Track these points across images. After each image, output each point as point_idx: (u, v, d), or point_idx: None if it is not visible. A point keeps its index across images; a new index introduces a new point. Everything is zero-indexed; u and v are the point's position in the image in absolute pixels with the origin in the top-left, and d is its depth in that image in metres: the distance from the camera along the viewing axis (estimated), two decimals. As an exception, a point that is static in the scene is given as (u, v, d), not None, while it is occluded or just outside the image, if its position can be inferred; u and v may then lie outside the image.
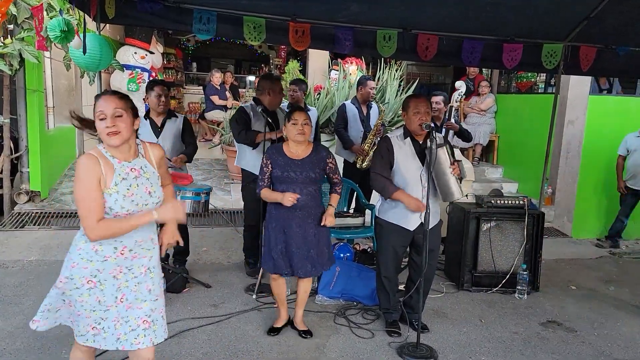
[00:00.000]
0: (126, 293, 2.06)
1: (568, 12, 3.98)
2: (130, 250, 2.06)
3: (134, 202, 1.99)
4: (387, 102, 6.45)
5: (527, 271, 4.05)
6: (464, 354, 3.14)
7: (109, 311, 2.03)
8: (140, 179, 2.04)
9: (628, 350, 3.32)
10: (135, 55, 7.72)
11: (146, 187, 2.04)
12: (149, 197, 2.05)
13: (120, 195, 1.96)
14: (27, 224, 5.29)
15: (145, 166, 2.09)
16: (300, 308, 3.28)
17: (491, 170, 7.32)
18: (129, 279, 2.06)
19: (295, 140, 3.01)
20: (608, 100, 6.14)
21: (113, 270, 2.03)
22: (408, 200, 3.08)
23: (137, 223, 1.99)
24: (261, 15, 3.87)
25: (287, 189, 2.98)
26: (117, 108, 1.96)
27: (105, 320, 2.03)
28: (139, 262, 2.09)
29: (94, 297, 2.02)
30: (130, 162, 2.04)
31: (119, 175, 1.97)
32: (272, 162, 3.03)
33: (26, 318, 3.27)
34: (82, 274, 2.00)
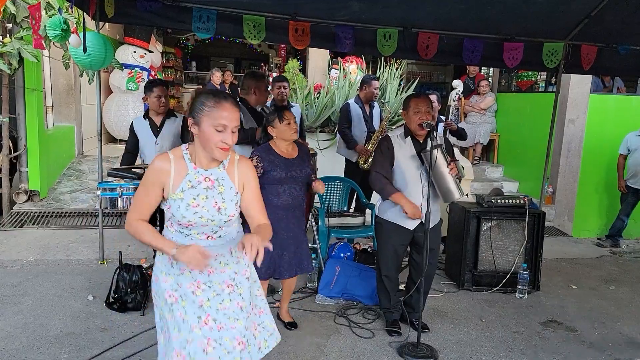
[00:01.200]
0: (211, 313, 1.85)
1: (569, 11, 3.97)
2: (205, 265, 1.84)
3: (198, 214, 1.82)
4: (388, 101, 6.43)
5: (527, 270, 4.04)
6: (464, 354, 3.13)
7: (194, 333, 1.81)
8: (211, 191, 1.84)
9: (628, 349, 3.31)
10: (135, 54, 7.69)
11: (216, 202, 1.84)
12: (216, 213, 1.85)
13: (184, 204, 1.81)
14: (26, 223, 5.28)
15: (222, 178, 1.88)
16: (285, 302, 3.33)
17: (491, 169, 7.31)
18: (211, 298, 1.87)
19: (289, 139, 3.03)
20: (609, 99, 6.13)
21: (191, 285, 1.87)
22: (406, 205, 3.08)
23: (156, 247, 1.84)
24: (261, 14, 3.86)
25: (290, 189, 3.00)
26: (237, 126, 1.82)
27: (190, 344, 1.80)
28: (219, 278, 1.90)
29: (177, 314, 1.84)
30: (207, 170, 1.86)
31: (188, 182, 1.83)
32: (268, 164, 2.95)
33: (25, 318, 3.26)
34: (165, 288, 1.87)
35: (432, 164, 2.95)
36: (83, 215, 5.62)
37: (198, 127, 1.80)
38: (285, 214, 3.00)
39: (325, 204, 4.57)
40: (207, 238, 1.90)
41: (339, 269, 3.91)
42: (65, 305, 3.48)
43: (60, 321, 3.25)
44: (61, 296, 3.63)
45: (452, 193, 3.09)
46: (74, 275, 4.03)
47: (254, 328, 1.99)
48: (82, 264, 4.29)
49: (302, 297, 3.80)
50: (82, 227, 5.27)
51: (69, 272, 4.10)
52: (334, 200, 4.76)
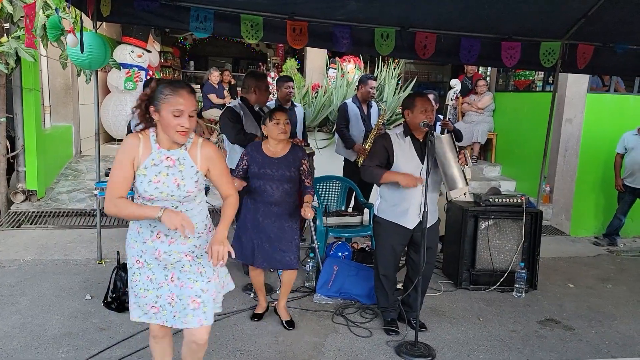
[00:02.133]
0: (175, 272, 2.14)
1: (566, 10, 3.98)
2: (165, 235, 2.10)
3: (158, 190, 2.03)
4: (385, 100, 6.44)
5: (525, 269, 4.05)
6: (462, 352, 3.14)
7: (162, 288, 2.13)
8: (172, 169, 2.05)
9: (625, 348, 3.32)
10: (132, 54, 7.68)
11: (176, 179, 2.05)
12: (175, 189, 2.05)
13: (146, 179, 2.02)
14: (23, 223, 5.27)
15: (183, 158, 2.08)
16: (283, 298, 3.37)
17: (489, 168, 7.32)
18: (173, 262, 2.13)
19: (277, 139, 3.10)
20: (606, 98, 6.15)
21: (154, 252, 2.11)
22: (399, 177, 3.05)
23: (141, 214, 2.02)
24: (259, 14, 3.87)
25: (264, 185, 3.10)
26: (194, 110, 2.01)
27: (160, 298, 2.13)
28: (178, 248, 2.12)
29: (144, 277, 2.13)
30: (169, 150, 2.06)
31: (152, 160, 2.03)
32: (250, 159, 3.14)
33: (22, 318, 3.26)
34: (132, 254, 2.15)
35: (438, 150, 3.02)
36: (81, 215, 5.61)
37: (159, 114, 2.00)
38: (264, 207, 3.12)
39: (323, 204, 4.58)
40: None
41: (337, 268, 3.91)
42: (63, 305, 3.48)
43: (58, 321, 3.25)
44: (59, 296, 3.63)
45: (457, 180, 3.10)
46: (72, 275, 4.02)
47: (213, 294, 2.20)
48: (79, 263, 4.28)
49: (300, 297, 3.80)
50: (79, 227, 5.26)
51: (66, 271, 4.10)
52: (332, 199, 4.76)
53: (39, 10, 4.17)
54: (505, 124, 7.36)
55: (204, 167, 2.12)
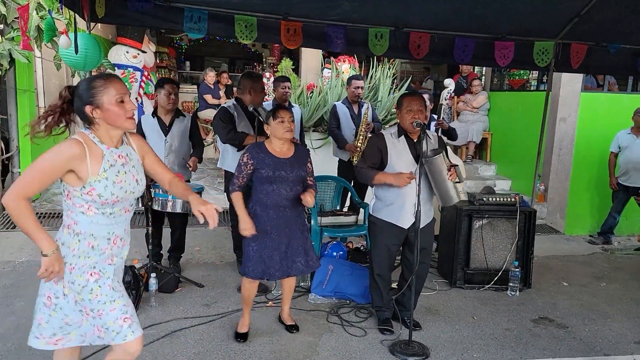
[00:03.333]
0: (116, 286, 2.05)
1: (559, 10, 3.99)
2: (121, 239, 2.05)
3: (123, 189, 1.95)
4: (380, 100, 6.45)
5: (519, 268, 4.07)
6: (456, 351, 3.15)
7: (125, 297, 2.02)
8: (127, 166, 1.99)
9: (619, 345, 3.34)
10: (127, 55, 7.66)
11: (133, 175, 2.00)
12: (135, 185, 2.01)
13: (109, 182, 1.91)
14: (18, 224, 5.25)
15: (130, 153, 2.04)
16: (286, 304, 3.32)
17: (484, 167, 7.34)
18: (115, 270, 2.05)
19: (283, 138, 2.95)
20: (600, 97, 6.18)
21: (107, 259, 2.02)
22: (391, 178, 3.06)
23: (36, 238, 1.87)
24: (253, 14, 3.86)
25: (277, 188, 2.93)
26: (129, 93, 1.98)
27: (128, 307, 2.00)
28: (126, 250, 2.12)
29: (106, 287, 1.97)
30: (118, 148, 1.98)
31: (107, 162, 1.91)
32: (258, 162, 2.92)
33: (17, 319, 3.26)
34: (84, 271, 1.94)
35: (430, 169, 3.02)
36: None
37: (100, 109, 1.88)
38: (276, 213, 2.96)
39: (318, 203, 4.58)
40: (125, 212, 2.04)
41: (332, 267, 3.92)
42: (58, 306, 3.47)
43: (53, 322, 3.24)
44: (54, 297, 3.62)
45: (451, 198, 3.11)
46: (67, 276, 4.02)
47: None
48: (74, 264, 4.28)
49: (295, 296, 3.79)
50: (75, 228, 5.25)
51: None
52: (326, 199, 4.77)
53: (32, 12, 4.16)
54: (500, 123, 7.38)
55: (141, 157, 2.10)
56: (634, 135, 5.44)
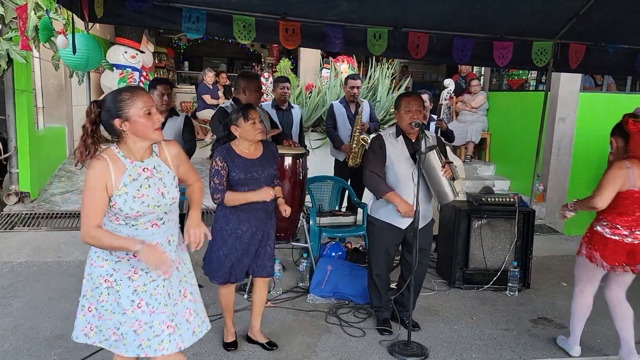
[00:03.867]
0: (144, 298, 1.98)
1: (558, 10, 3.99)
2: None
3: (144, 204, 1.93)
4: (379, 100, 6.45)
5: (518, 268, 4.07)
6: (454, 351, 3.15)
7: (126, 315, 1.96)
8: (152, 179, 1.96)
9: (617, 345, 3.33)
10: (126, 55, 7.67)
11: (158, 188, 1.96)
12: (161, 199, 1.97)
13: (129, 197, 1.90)
14: (16, 225, 5.25)
15: (158, 165, 2.01)
16: (256, 319, 3.09)
17: (483, 167, 7.34)
18: (147, 282, 1.98)
19: (253, 139, 2.83)
20: (599, 97, 6.18)
21: (128, 272, 1.98)
22: (400, 204, 3.08)
23: (121, 245, 1.90)
24: (251, 14, 3.85)
25: (252, 190, 2.82)
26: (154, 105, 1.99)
27: (123, 326, 1.96)
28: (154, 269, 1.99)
29: (112, 298, 1.97)
30: (143, 161, 1.97)
31: (129, 176, 1.92)
32: (230, 165, 2.79)
33: (15, 320, 3.25)
34: (99, 273, 1.97)
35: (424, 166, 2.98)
36: (74, 216, 5.59)
37: (129, 122, 1.90)
38: (247, 216, 2.84)
39: (317, 204, 4.58)
40: (152, 226, 2.00)
41: (331, 268, 3.92)
42: (56, 307, 3.47)
43: (51, 323, 3.24)
44: (52, 298, 3.62)
45: (446, 195, 3.10)
46: (65, 276, 4.01)
47: (189, 314, 2.11)
48: (73, 265, 4.27)
49: (293, 297, 3.80)
50: (73, 229, 5.24)
51: (60, 273, 4.09)
52: (325, 199, 4.77)
53: (30, 12, 4.15)
54: (499, 123, 7.38)
55: (175, 166, 2.07)
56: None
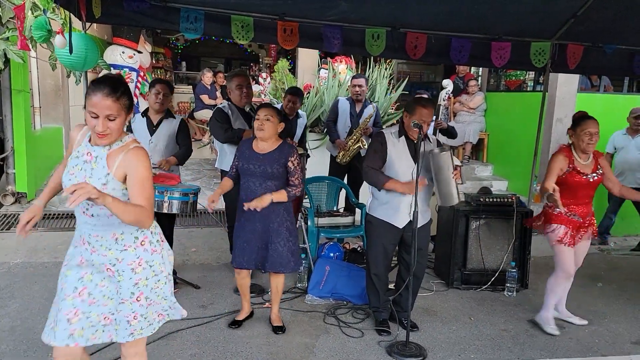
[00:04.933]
0: (89, 287, 1.97)
1: (555, 11, 4.00)
2: (88, 242, 2.00)
3: (71, 182, 1.93)
4: (377, 100, 6.45)
5: (516, 269, 4.07)
6: (453, 352, 3.15)
7: (65, 301, 1.95)
8: (86, 165, 1.95)
9: (615, 346, 3.34)
10: (123, 55, 7.65)
11: (85, 176, 1.94)
12: None
13: (66, 169, 1.99)
14: (13, 225, 5.22)
15: (100, 158, 1.95)
16: (275, 304, 3.32)
17: (481, 168, 7.36)
18: (94, 273, 1.99)
19: (256, 135, 3.05)
20: (596, 98, 6.20)
21: (79, 258, 2.02)
22: (401, 187, 3.09)
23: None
24: (249, 14, 3.86)
25: (247, 181, 3.08)
26: (112, 113, 1.87)
27: (60, 312, 1.95)
28: (99, 259, 1.99)
29: (60, 283, 2.01)
30: (93, 147, 1.97)
31: (76, 152, 2.00)
32: (239, 155, 3.13)
33: (12, 321, 3.24)
34: (67, 253, 2.07)
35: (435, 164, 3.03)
36: (71, 217, 5.57)
37: (86, 112, 1.92)
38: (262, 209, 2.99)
39: (315, 204, 4.57)
40: (82, 213, 2.00)
41: (329, 268, 3.91)
42: (53, 308, 3.45)
43: (48, 324, 3.22)
44: (49, 299, 3.55)
45: (452, 198, 3.10)
46: (62, 277, 3.99)
47: (132, 317, 2.02)
48: (70, 266, 4.25)
49: (291, 297, 3.79)
50: (70, 229, 5.22)
51: (56, 274, 3.95)
52: (323, 200, 4.76)
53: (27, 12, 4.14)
54: (497, 123, 7.40)
55: (120, 173, 1.94)
56: (629, 136, 5.45)
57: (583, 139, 3.20)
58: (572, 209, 3.30)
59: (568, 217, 3.31)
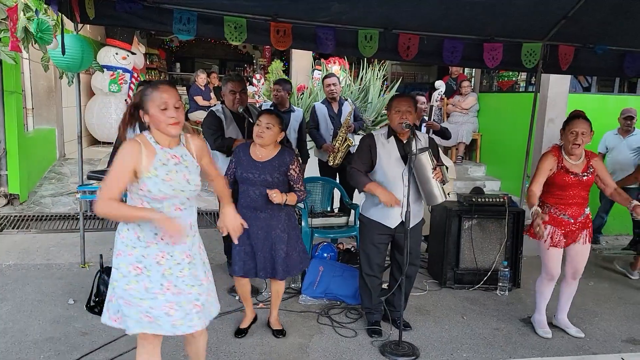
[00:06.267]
0: (172, 280, 2.11)
1: (546, 12, 4.04)
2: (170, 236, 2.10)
3: (171, 187, 2.06)
4: (370, 101, 6.47)
5: (508, 268, 4.10)
6: (445, 351, 3.16)
7: (157, 299, 2.08)
8: (179, 166, 2.10)
9: (606, 344, 3.37)
10: (117, 56, 7.64)
11: (184, 175, 2.10)
12: (186, 185, 2.11)
13: (159, 179, 2.04)
14: (5, 227, 5.20)
15: (185, 155, 2.15)
16: (274, 308, 3.29)
17: (474, 168, 7.39)
18: (172, 265, 2.11)
19: (255, 140, 2.98)
20: (587, 98, 6.24)
21: (156, 256, 2.09)
22: (380, 193, 3.08)
23: (135, 214, 2.05)
24: (242, 15, 3.86)
25: (247, 189, 3.00)
26: (179, 100, 2.07)
27: (154, 310, 2.08)
28: (180, 248, 2.13)
29: (141, 285, 2.08)
30: (172, 149, 2.11)
31: (159, 160, 2.06)
32: (237, 161, 3.05)
33: (4, 323, 3.22)
34: (128, 262, 2.08)
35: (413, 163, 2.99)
36: (64, 218, 5.55)
37: (148, 114, 2.06)
38: (249, 214, 2.95)
39: (309, 205, 4.58)
40: (175, 210, 2.11)
41: (322, 269, 3.92)
42: (45, 309, 3.44)
43: (40, 326, 3.21)
44: (41, 301, 3.59)
45: (435, 197, 3.10)
46: (55, 279, 3.98)
47: (208, 294, 2.24)
48: (63, 267, 4.24)
49: (285, 298, 3.79)
50: (63, 231, 5.21)
51: (49, 276, 4.06)
52: (317, 200, 4.77)
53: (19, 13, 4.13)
54: (490, 124, 7.44)
55: (199, 158, 2.21)
56: (620, 136, 5.49)
57: (568, 139, 3.19)
58: (561, 209, 3.30)
59: (556, 217, 3.30)
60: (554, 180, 3.26)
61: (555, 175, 3.26)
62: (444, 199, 3.13)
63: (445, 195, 3.15)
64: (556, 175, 3.25)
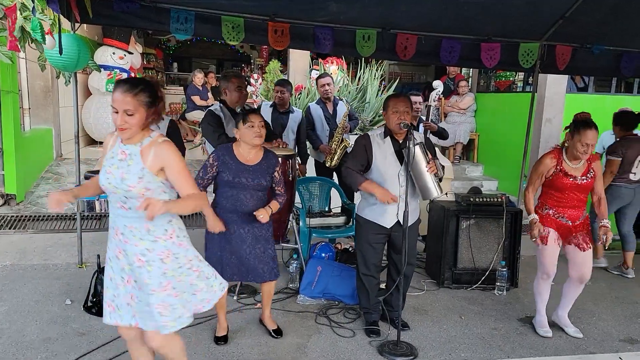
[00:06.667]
0: (132, 276, 2.15)
1: (544, 12, 4.05)
2: (122, 233, 2.14)
3: (108, 180, 2.10)
4: (368, 101, 6.47)
5: (506, 268, 4.10)
6: (443, 351, 3.17)
7: (119, 289, 2.17)
8: (122, 163, 2.10)
9: (604, 344, 3.38)
10: (114, 56, 7.61)
11: (122, 172, 2.09)
12: (120, 182, 2.08)
13: (103, 170, 2.12)
14: (2, 227, 5.18)
15: (134, 155, 2.10)
16: (266, 307, 3.26)
17: (472, 168, 7.40)
18: (131, 263, 2.13)
19: (251, 143, 2.90)
20: (584, 98, 6.26)
21: (115, 250, 2.18)
22: (376, 190, 3.07)
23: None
24: (240, 15, 3.86)
25: (238, 194, 2.91)
26: (130, 109, 2.03)
27: (117, 298, 2.18)
28: (132, 250, 2.12)
29: (108, 275, 2.21)
30: (125, 145, 2.12)
31: (111, 153, 2.14)
32: (222, 165, 2.90)
33: (1, 324, 3.21)
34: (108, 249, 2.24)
35: (411, 160, 2.98)
36: (61, 218, 5.54)
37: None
38: (233, 217, 2.92)
39: (306, 205, 4.58)
40: (120, 207, 2.14)
41: (320, 269, 3.91)
42: (42, 310, 3.43)
43: (37, 326, 3.20)
44: (38, 301, 3.57)
45: (430, 191, 3.09)
46: (52, 279, 3.97)
47: (163, 307, 2.12)
48: (60, 268, 4.23)
49: (283, 298, 3.79)
50: (60, 231, 5.19)
51: (46, 276, 4.04)
52: (315, 200, 4.77)
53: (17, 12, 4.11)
54: (487, 124, 7.45)
55: (155, 166, 2.08)
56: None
57: (578, 148, 3.15)
58: (560, 211, 3.31)
59: (555, 219, 3.32)
60: (552, 182, 3.28)
61: (553, 178, 3.27)
62: (440, 193, 3.12)
63: (441, 190, 3.13)
64: (554, 178, 3.27)
